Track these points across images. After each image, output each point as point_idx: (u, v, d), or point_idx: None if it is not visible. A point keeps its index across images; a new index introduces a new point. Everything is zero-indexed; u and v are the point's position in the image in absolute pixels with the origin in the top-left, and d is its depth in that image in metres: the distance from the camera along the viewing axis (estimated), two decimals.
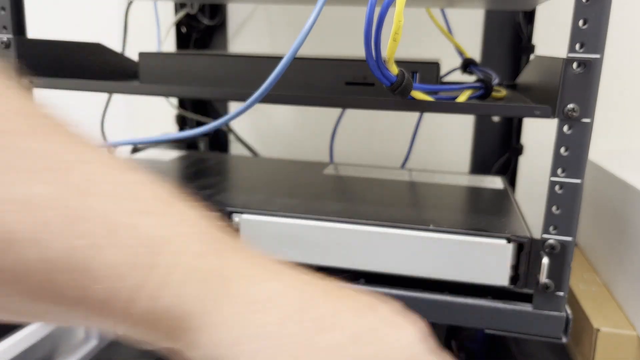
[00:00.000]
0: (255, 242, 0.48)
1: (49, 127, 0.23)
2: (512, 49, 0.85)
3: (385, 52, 0.40)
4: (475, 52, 0.87)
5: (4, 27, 0.53)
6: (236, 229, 0.49)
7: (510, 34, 0.85)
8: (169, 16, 0.94)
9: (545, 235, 0.44)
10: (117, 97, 0.98)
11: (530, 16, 0.80)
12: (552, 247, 0.44)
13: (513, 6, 0.76)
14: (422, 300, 0.47)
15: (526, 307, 0.46)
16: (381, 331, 0.26)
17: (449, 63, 0.69)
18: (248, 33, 0.98)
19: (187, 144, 0.88)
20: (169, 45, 0.94)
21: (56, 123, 0.24)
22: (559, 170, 0.43)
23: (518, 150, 0.84)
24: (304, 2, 0.76)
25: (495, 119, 0.83)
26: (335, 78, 0.51)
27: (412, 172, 0.70)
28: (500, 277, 0.45)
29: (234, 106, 1.01)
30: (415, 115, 0.80)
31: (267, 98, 0.43)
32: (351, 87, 0.51)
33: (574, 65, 0.41)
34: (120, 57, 0.68)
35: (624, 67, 0.84)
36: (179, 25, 0.94)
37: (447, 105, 0.45)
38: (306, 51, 0.49)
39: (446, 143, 0.94)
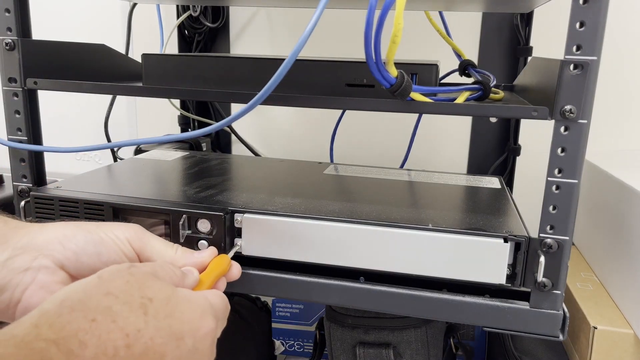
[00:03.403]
0: (256, 241, 0.49)
1: None
2: (510, 51, 0.86)
3: (385, 54, 0.41)
4: (473, 54, 0.88)
5: (9, 29, 0.54)
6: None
7: (508, 36, 0.86)
8: (171, 18, 0.95)
9: (542, 235, 0.45)
10: (121, 98, 0.99)
11: (527, 18, 0.81)
12: (549, 246, 0.44)
13: (510, 9, 0.76)
14: (421, 299, 0.48)
15: (524, 305, 0.46)
16: None
17: (448, 65, 0.69)
18: (250, 35, 0.99)
19: (190, 145, 0.89)
20: (172, 47, 0.95)
21: None
22: (556, 171, 0.43)
23: (515, 150, 0.85)
24: (305, 5, 0.76)
25: (493, 120, 0.84)
26: (336, 79, 0.51)
27: (411, 172, 0.70)
28: (498, 275, 0.46)
29: (235, 107, 1.02)
30: (414, 116, 0.81)
31: (269, 99, 0.44)
32: (351, 89, 0.51)
33: (571, 67, 0.41)
34: (124, 59, 0.68)
35: (620, 69, 0.84)
36: (181, 27, 0.94)
37: (445, 107, 0.46)
38: (307, 53, 0.50)
39: (445, 144, 0.94)
